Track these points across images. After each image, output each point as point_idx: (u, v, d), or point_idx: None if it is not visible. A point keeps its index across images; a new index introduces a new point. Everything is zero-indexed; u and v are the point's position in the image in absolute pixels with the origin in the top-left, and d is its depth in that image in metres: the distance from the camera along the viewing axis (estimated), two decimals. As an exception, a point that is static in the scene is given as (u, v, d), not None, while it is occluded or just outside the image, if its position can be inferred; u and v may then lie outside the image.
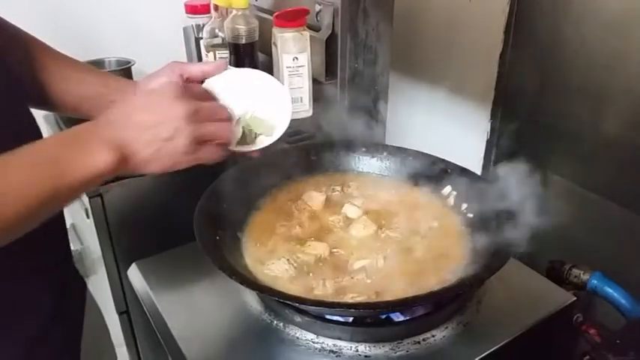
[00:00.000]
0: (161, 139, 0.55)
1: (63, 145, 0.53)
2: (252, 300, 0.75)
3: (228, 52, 1.02)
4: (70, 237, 1.29)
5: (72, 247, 1.28)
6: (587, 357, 0.62)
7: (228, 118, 0.63)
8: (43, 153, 0.52)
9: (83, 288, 0.79)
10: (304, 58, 1.02)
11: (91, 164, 0.52)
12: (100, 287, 1.16)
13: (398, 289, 0.69)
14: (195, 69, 0.71)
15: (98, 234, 0.92)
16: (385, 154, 0.95)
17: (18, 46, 0.69)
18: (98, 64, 1.19)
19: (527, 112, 1.11)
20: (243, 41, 0.98)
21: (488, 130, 1.18)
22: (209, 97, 0.64)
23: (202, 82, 0.72)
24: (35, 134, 0.64)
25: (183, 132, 0.56)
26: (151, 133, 0.55)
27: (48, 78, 0.70)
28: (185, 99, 0.57)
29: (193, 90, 0.61)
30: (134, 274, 0.84)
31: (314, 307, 0.66)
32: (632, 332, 0.71)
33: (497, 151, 1.19)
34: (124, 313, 1.01)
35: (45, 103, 0.72)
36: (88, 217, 0.92)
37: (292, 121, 1.07)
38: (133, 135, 0.55)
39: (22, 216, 0.49)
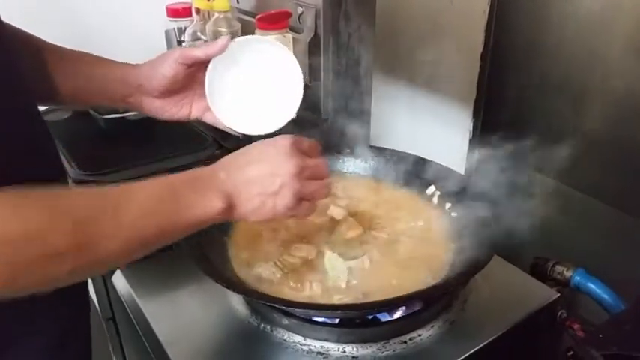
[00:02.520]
0: (268, 192, 0.58)
1: (184, 183, 0.56)
2: (238, 304, 0.75)
3: (210, 55, 1.02)
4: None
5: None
6: (571, 352, 0.62)
7: (328, 177, 0.66)
8: (167, 187, 0.54)
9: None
10: (287, 61, 1.02)
11: (205, 207, 0.55)
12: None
13: (384, 289, 0.69)
14: (199, 53, 0.70)
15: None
16: (370, 155, 0.95)
17: (29, 50, 0.69)
18: (79, 68, 1.18)
19: (509, 110, 1.12)
20: (226, 44, 0.97)
21: (471, 129, 1.19)
22: (316, 151, 0.66)
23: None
24: (45, 134, 0.63)
25: (289, 188, 0.59)
26: (260, 186, 0.58)
27: (57, 78, 0.70)
28: (295, 156, 0.60)
29: (303, 145, 0.63)
30: (119, 280, 0.83)
31: (300, 310, 0.66)
32: (614, 327, 0.72)
33: (480, 149, 1.20)
34: (110, 319, 1.00)
35: (54, 100, 0.72)
36: (71, 223, 0.91)
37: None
38: (243, 188, 0.58)
39: (133, 244, 0.50)
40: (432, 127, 1.27)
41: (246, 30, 1.04)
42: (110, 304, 0.99)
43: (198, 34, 1.08)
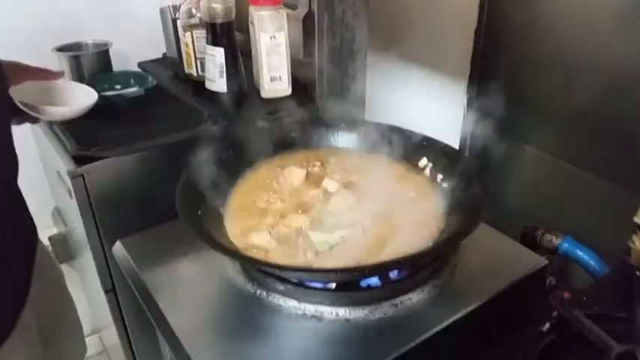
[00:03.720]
0: None
1: None
2: (235, 272, 0.77)
3: (205, 31, 1.03)
4: (53, 220, 1.31)
5: (56, 231, 1.30)
6: (556, 312, 0.65)
7: None
8: None
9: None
10: (282, 37, 1.03)
11: None
12: (85, 268, 1.17)
13: (376, 255, 0.71)
14: (40, 74, 0.81)
15: (82, 214, 0.93)
16: (363, 129, 0.97)
17: None
18: (75, 47, 1.19)
19: (503, 86, 1.13)
20: (220, 20, 0.98)
21: (465, 104, 1.21)
22: None
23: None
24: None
25: None
26: None
27: None
28: None
29: None
30: (119, 251, 0.86)
31: (294, 273, 0.68)
32: (598, 289, 0.75)
33: (474, 125, 1.21)
34: (110, 291, 1.02)
35: None
36: (71, 197, 0.93)
37: (272, 99, 1.10)
38: None
39: None
40: (427, 103, 1.28)
41: (241, 6, 1.05)
42: (111, 276, 1.01)
43: (193, 11, 1.09)
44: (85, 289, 1.41)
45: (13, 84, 0.78)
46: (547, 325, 0.64)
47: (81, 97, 0.87)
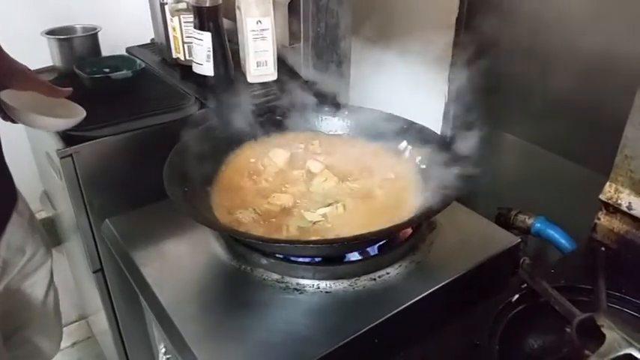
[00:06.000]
0: None
1: None
2: (221, 249, 0.79)
3: (192, 16, 1.04)
4: (42, 204, 1.32)
5: (44, 215, 1.31)
6: (525, 284, 0.69)
7: None
8: None
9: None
10: (268, 22, 1.05)
11: None
12: (73, 250, 1.19)
13: (356, 232, 0.74)
14: (43, 88, 0.83)
15: (70, 194, 0.95)
16: (347, 113, 1.00)
17: None
18: (65, 31, 1.19)
19: (483, 74, 1.17)
20: (207, 4, 1.00)
21: (446, 92, 1.24)
22: None
23: None
24: None
25: None
26: None
27: None
28: None
29: None
30: (107, 229, 0.88)
31: (276, 245, 0.71)
32: (565, 264, 0.78)
33: (455, 112, 1.25)
34: (98, 271, 1.04)
35: None
36: (60, 177, 0.95)
37: (258, 84, 1.12)
38: None
39: None
40: (410, 90, 1.31)
41: (228, -9, 1.06)
42: (99, 257, 1.03)
43: (181, -5, 1.11)
44: (73, 273, 1.43)
45: (17, 88, 0.81)
46: (516, 296, 0.68)
47: (68, 114, 0.87)
